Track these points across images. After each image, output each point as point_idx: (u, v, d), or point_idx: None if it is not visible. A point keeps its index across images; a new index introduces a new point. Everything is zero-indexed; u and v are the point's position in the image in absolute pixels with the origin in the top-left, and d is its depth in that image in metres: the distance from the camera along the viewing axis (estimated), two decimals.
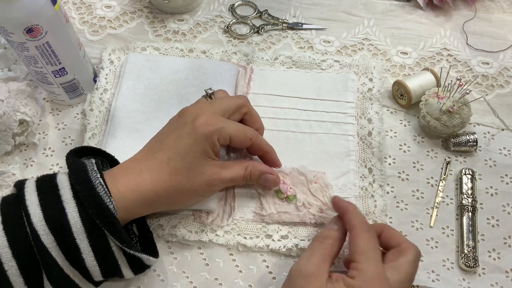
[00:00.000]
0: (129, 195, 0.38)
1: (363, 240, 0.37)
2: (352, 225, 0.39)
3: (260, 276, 0.45)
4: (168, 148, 0.40)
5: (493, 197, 0.50)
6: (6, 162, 0.51)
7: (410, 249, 0.39)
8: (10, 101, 0.48)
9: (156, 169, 0.39)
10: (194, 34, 0.62)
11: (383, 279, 0.36)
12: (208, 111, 0.41)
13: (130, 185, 0.38)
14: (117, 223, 0.36)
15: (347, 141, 0.52)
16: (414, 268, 0.38)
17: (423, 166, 0.51)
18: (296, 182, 0.48)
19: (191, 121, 0.40)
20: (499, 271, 0.45)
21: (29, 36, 0.44)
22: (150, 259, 0.39)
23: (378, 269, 0.36)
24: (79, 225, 0.35)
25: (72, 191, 0.36)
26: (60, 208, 0.36)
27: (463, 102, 0.50)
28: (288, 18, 0.63)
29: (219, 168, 0.41)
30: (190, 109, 0.42)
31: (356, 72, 0.57)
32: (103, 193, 0.37)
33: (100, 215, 0.36)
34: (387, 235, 0.41)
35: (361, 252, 0.37)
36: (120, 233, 0.36)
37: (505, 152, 0.52)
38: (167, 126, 0.43)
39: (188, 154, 0.39)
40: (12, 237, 0.35)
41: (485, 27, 0.63)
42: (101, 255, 0.37)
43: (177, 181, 0.39)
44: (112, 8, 0.64)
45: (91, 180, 0.37)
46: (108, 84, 0.55)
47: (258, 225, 0.47)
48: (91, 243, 0.36)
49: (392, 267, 0.37)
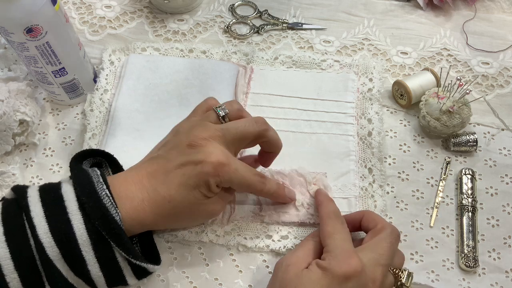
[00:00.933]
0: (129, 222, 0.37)
1: (329, 226, 0.40)
2: (321, 215, 0.41)
3: (260, 276, 0.45)
4: (171, 185, 0.38)
5: (493, 197, 0.50)
6: (6, 162, 0.51)
7: (384, 228, 0.40)
8: (10, 101, 0.48)
9: (158, 206, 0.38)
10: (194, 34, 0.62)
11: (351, 254, 0.36)
12: (221, 153, 0.38)
13: (131, 214, 0.37)
14: (123, 234, 0.36)
15: (347, 141, 0.52)
16: (388, 244, 0.38)
17: (423, 166, 0.51)
18: (295, 183, 0.48)
19: (200, 161, 0.37)
20: (499, 271, 0.45)
21: (29, 36, 0.44)
22: (155, 267, 0.39)
23: (345, 246, 0.37)
24: (85, 237, 0.35)
25: (78, 203, 0.36)
26: (65, 220, 0.35)
27: (463, 102, 0.50)
28: (288, 18, 0.63)
29: (219, 206, 0.41)
30: (200, 143, 0.38)
31: (356, 72, 0.57)
32: (109, 204, 0.36)
33: (107, 227, 0.35)
34: (366, 219, 0.42)
35: (327, 235, 0.39)
36: (126, 244, 0.36)
37: (505, 152, 0.52)
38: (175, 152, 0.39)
39: (191, 198, 0.38)
40: (14, 248, 0.34)
41: (485, 27, 0.63)
42: (107, 266, 0.36)
43: (178, 218, 0.40)
44: (112, 8, 0.64)
45: (97, 192, 0.36)
46: (109, 85, 0.55)
47: (258, 225, 0.47)
48: (97, 254, 0.35)
49: (366, 247, 0.38)
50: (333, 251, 0.37)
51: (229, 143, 0.39)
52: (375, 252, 0.38)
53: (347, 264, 0.35)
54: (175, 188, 0.38)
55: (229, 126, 0.40)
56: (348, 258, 0.36)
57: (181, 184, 0.38)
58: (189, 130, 0.40)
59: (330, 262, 0.36)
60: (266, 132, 0.41)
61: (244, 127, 0.40)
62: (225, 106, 0.42)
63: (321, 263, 0.36)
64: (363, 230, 0.42)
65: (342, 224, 0.40)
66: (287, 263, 0.38)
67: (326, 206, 0.43)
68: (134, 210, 0.37)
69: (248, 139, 0.41)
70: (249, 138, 0.41)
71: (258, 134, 0.41)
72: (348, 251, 0.37)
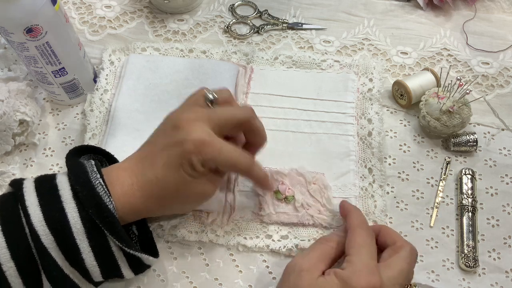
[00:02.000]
0: (122, 208, 0.38)
1: (358, 236, 0.39)
2: (350, 224, 0.40)
3: (260, 276, 0.45)
4: (157, 167, 0.38)
5: (493, 197, 0.50)
6: (6, 162, 0.51)
7: (403, 246, 0.39)
8: (10, 101, 0.48)
9: (147, 188, 0.38)
10: (194, 34, 0.62)
11: (373, 271, 0.36)
12: (203, 131, 0.38)
13: (122, 199, 0.38)
14: (116, 222, 0.36)
15: (347, 141, 0.52)
16: (407, 264, 0.38)
17: (423, 166, 0.51)
18: (294, 182, 0.48)
19: (182, 141, 0.37)
20: (499, 271, 0.45)
21: (29, 36, 0.44)
22: (150, 259, 0.39)
23: (369, 262, 0.37)
24: (79, 225, 0.35)
25: (72, 192, 0.36)
26: (60, 208, 0.35)
27: (463, 102, 0.50)
28: (288, 18, 0.63)
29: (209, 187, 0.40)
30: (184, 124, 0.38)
31: (356, 72, 0.57)
32: (103, 193, 0.36)
33: (100, 215, 0.36)
34: (384, 234, 0.41)
35: (354, 246, 0.38)
36: (120, 232, 0.36)
37: (505, 152, 0.52)
38: (161, 135, 0.40)
39: (176, 178, 0.38)
40: (10, 238, 0.35)
41: (485, 27, 0.63)
42: (101, 255, 0.37)
43: (167, 199, 0.39)
44: (112, 8, 0.64)
45: (91, 181, 0.37)
46: (109, 85, 0.55)
47: (258, 225, 0.47)
48: (91, 243, 0.36)
49: (385, 265, 0.38)
50: (356, 264, 0.36)
51: (215, 126, 0.39)
52: (394, 270, 0.37)
53: (367, 282, 0.35)
54: (161, 169, 0.38)
55: (216, 109, 0.41)
56: (369, 275, 0.35)
57: (166, 164, 0.38)
58: (176, 114, 0.41)
59: (350, 275, 0.35)
60: (253, 120, 0.42)
61: (230, 111, 0.41)
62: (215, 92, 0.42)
63: (340, 273, 0.36)
64: (379, 246, 0.41)
65: (371, 238, 0.39)
66: (300, 268, 0.37)
67: (357, 215, 0.41)
68: (125, 195, 0.38)
69: (233, 124, 0.41)
70: (235, 123, 0.41)
71: (244, 120, 0.41)
72: (371, 267, 0.36)
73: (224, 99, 0.42)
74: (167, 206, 0.41)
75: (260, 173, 0.42)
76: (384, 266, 0.37)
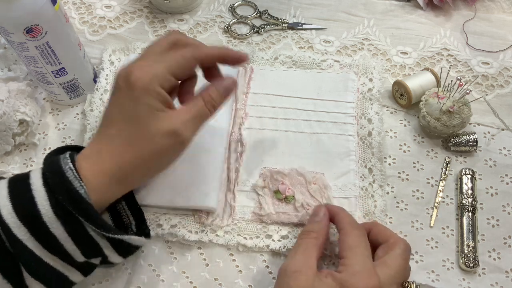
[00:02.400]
0: (94, 179, 0.36)
1: (351, 237, 0.38)
2: (341, 225, 0.40)
3: (260, 276, 0.45)
4: (114, 119, 0.38)
5: (493, 197, 0.50)
6: (6, 162, 0.51)
7: (397, 243, 0.39)
8: (10, 101, 0.48)
9: (111, 145, 0.37)
10: (194, 34, 0.62)
11: (371, 273, 0.36)
12: (137, 62, 0.38)
13: (93, 169, 0.36)
14: (90, 208, 0.35)
15: (347, 141, 0.52)
16: (403, 261, 0.38)
17: (423, 166, 0.51)
18: (294, 182, 0.48)
19: (124, 81, 0.37)
20: (499, 271, 0.45)
21: (29, 36, 0.44)
22: (132, 238, 0.38)
23: (365, 263, 0.36)
24: (50, 213, 0.34)
25: (42, 180, 0.35)
26: (29, 198, 0.35)
27: (463, 102, 0.50)
28: (288, 18, 0.63)
29: (175, 115, 0.38)
30: (122, 70, 0.38)
31: (356, 72, 0.57)
32: (73, 177, 0.35)
33: (72, 201, 0.34)
34: (375, 232, 0.41)
35: (348, 248, 0.38)
36: (94, 218, 0.35)
37: (505, 152, 0.52)
38: (110, 96, 0.39)
39: (134, 118, 0.36)
40: None
41: (485, 27, 0.63)
42: (80, 240, 0.36)
43: (136, 149, 0.37)
44: (112, 8, 0.64)
45: (61, 166, 0.36)
46: (109, 85, 0.55)
47: (258, 225, 0.47)
48: (67, 229, 0.35)
49: (381, 263, 0.37)
50: (352, 267, 0.36)
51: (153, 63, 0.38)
52: (391, 269, 0.37)
53: (365, 284, 0.35)
54: (116, 116, 0.38)
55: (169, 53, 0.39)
56: (367, 277, 0.35)
57: (116, 108, 0.38)
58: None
59: (348, 278, 0.35)
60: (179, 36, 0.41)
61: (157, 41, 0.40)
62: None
63: (338, 276, 0.35)
64: (371, 243, 0.40)
65: (364, 237, 0.39)
66: (292, 269, 0.37)
67: (344, 215, 0.41)
68: (95, 164, 0.37)
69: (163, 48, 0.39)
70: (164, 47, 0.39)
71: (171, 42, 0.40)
72: (368, 269, 0.36)
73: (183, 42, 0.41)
74: (141, 159, 0.37)
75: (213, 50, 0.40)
76: (381, 265, 0.37)
